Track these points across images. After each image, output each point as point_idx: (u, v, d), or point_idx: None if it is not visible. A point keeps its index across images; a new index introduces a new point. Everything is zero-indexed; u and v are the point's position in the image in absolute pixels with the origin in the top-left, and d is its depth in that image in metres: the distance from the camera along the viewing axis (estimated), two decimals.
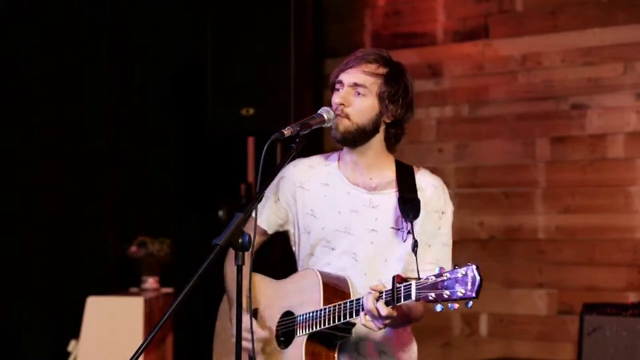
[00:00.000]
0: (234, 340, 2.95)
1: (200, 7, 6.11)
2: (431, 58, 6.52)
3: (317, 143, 6.42)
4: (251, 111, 5.52)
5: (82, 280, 6.00)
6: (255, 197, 2.85)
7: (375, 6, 6.76)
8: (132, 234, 6.01)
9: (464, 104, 6.40)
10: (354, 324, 3.07)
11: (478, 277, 2.61)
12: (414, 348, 3.32)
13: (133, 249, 5.89)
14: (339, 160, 3.32)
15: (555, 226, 6.07)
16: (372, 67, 3.16)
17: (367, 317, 2.88)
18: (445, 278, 2.66)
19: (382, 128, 3.20)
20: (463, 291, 2.62)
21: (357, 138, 3.17)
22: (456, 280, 2.64)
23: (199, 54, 5.93)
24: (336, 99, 3.16)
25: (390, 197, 3.18)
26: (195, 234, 6.56)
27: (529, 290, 6.13)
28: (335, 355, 3.10)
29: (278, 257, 4.38)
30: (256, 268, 3.28)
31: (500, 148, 6.27)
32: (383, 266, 3.15)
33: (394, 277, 2.80)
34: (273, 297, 3.33)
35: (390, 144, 3.25)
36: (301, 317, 3.14)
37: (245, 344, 2.97)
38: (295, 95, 5.44)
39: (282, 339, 3.25)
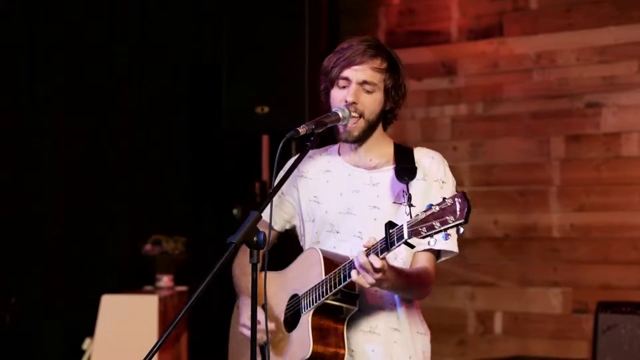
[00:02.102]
0: (247, 334, 2.95)
1: (215, 6, 6.12)
2: (446, 56, 6.51)
3: (331, 141, 6.41)
4: (266, 109, 5.53)
5: (97, 278, 6.01)
6: (269, 195, 2.85)
7: (390, 4, 6.76)
8: (147, 232, 6.02)
9: (479, 102, 6.39)
10: (357, 296, 3.05)
11: (466, 203, 2.59)
12: (425, 326, 3.29)
13: (148, 247, 5.89)
14: (339, 149, 3.35)
15: (570, 224, 6.06)
16: (377, 63, 3.16)
17: (360, 273, 2.85)
18: (434, 210, 2.65)
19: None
20: (453, 218, 2.60)
21: (367, 134, 3.21)
22: (444, 209, 2.62)
23: (214, 53, 5.93)
24: (348, 97, 3.15)
25: (389, 174, 3.19)
26: (210, 232, 6.58)
27: (544, 288, 6.12)
28: (344, 328, 3.08)
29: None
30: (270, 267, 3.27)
31: (515, 146, 6.27)
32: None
33: (386, 224, 2.78)
34: (279, 286, 3.32)
35: (386, 126, 3.30)
36: (305, 295, 3.13)
37: (258, 338, 2.98)
38: (309, 94, 5.44)
39: (289, 321, 3.23)
